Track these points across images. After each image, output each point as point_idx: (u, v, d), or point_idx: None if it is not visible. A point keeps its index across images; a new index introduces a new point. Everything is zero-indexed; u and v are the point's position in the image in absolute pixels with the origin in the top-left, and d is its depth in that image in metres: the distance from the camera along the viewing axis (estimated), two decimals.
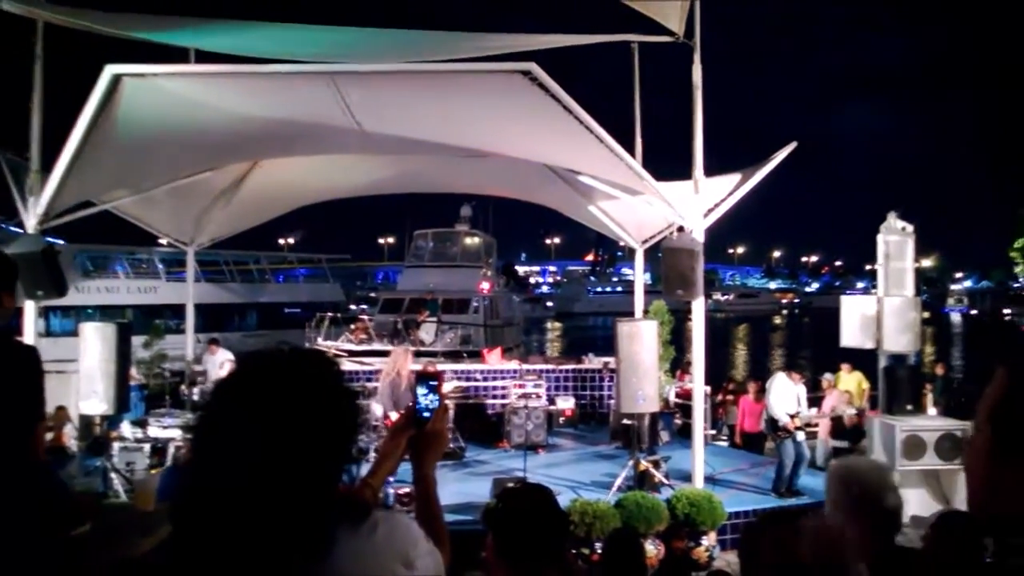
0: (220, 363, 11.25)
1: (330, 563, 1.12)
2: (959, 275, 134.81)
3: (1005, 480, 0.94)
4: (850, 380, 11.80)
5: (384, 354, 17.52)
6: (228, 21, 8.96)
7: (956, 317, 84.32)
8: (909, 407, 7.86)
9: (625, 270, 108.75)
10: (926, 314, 9.71)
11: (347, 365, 16.34)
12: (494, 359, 14.20)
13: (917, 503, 6.51)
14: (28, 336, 8.06)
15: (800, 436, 8.77)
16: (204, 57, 8.25)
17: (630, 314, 12.47)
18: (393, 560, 1.19)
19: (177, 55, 8.39)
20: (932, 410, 11.09)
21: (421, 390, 1.62)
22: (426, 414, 1.59)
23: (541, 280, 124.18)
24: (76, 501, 2.39)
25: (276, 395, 1.09)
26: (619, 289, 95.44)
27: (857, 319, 8.38)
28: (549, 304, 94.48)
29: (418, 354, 13.67)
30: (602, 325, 64.41)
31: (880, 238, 8.42)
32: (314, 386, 1.12)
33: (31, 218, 7.97)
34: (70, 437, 10.72)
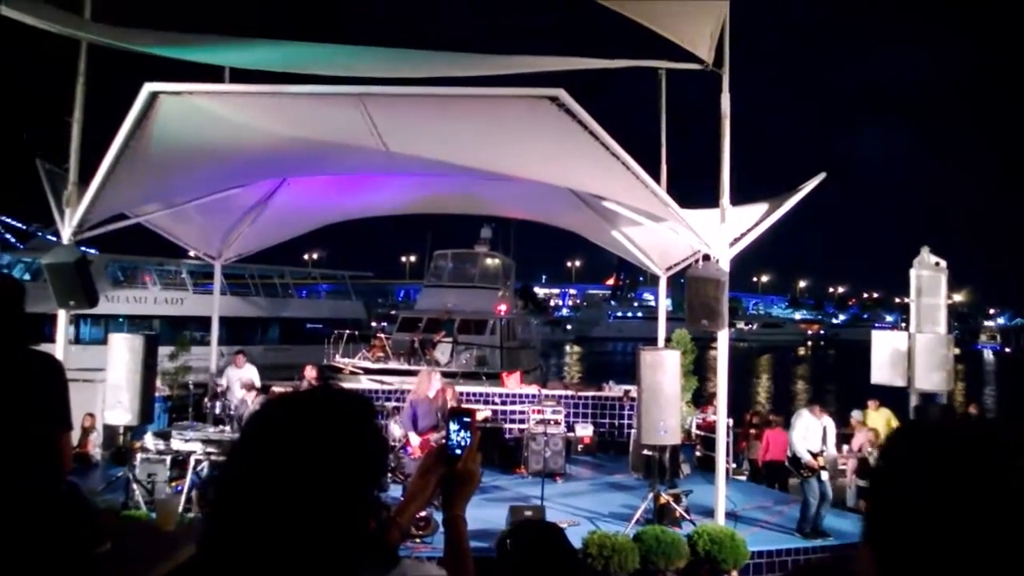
0: (239, 378, 11.30)
1: None
2: (992, 311, 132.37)
3: None
4: (878, 418, 11.53)
5: (401, 373, 17.62)
6: (261, 40, 9.12)
7: (988, 355, 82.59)
8: None
9: (646, 295, 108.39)
10: (957, 351, 9.55)
11: (365, 384, 16.39)
12: (513, 383, 14.13)
13: None
14: (59, 343, 8.20)
15: (824, 475, 8.53)
16: (238, 75, 8.40)
17: (651, 340, 12.36)
18: None
19: (212, 72, 8.57)
20: None
21: (453, 426, 1.54)
22: (458, 451, 1.52)
23: (561, 303, 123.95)
24: (98, 519, 2.39)
25: (306, 437, 1.08)
26: (640, 315, 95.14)
27: (888, 355, 8.22)
28: (568, 327, 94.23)
29: None
30: (621, 351, 64.10)
31: (913, 273, 8.29)
32: (344, 430, 1.11)
33: (67, 229, 8.14)
34: (95, 445, 10.87)
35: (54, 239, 8.58)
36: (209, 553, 1.05)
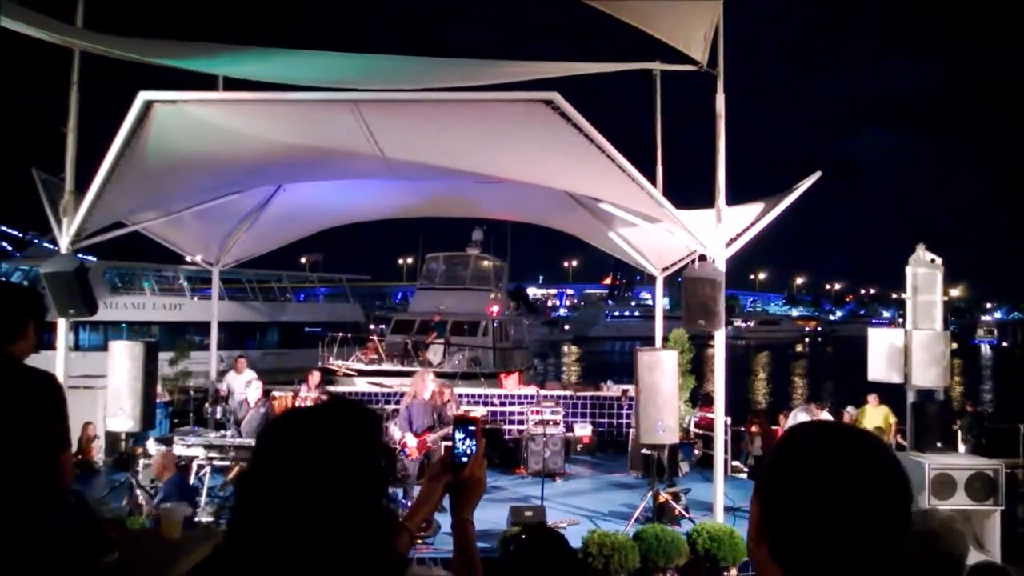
0: (246, 382, 11.32)
1: None
2: (989, 306, 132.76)
3: (761, 558, 0.94)
4: (877, 414, 11.54)
5: (395, 374, 17.72)
6: (255, 48, 9.14)
7: (986, 350, 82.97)
8: (939, 444, 7.67)
9: (643, 294, 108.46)
10: (954, 346, 9.58)
11: (362, 386, 16.42)
12: (511, 384, 14.16)
13: None
14: (59, 351, 8.20)
15: None
16: (231, 83, 8.42)
17: (648, 339, 12.41)
18: None
19: (206, 81, 8.57)
20: (961, 447, 10.85)
21: (459, 435, 1.57)
22: (464, 459, 1.56)
23: (559, 303, 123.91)
24: (104, 529, 2.43)
25: (320, 452, 1.12)
26: (637, 314, 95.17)
27: (884, 352, 8.23)
28: (566, 328, 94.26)
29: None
30: (619, 350, 64.18)
31: (908, 270, 8.29)
32: (356, 444, 1.15)
33: (64, 238, 8.14)
34: (98, 451, 10.93)
35: (51, 247, 8.58)
36: (229, 561, 1.09)
